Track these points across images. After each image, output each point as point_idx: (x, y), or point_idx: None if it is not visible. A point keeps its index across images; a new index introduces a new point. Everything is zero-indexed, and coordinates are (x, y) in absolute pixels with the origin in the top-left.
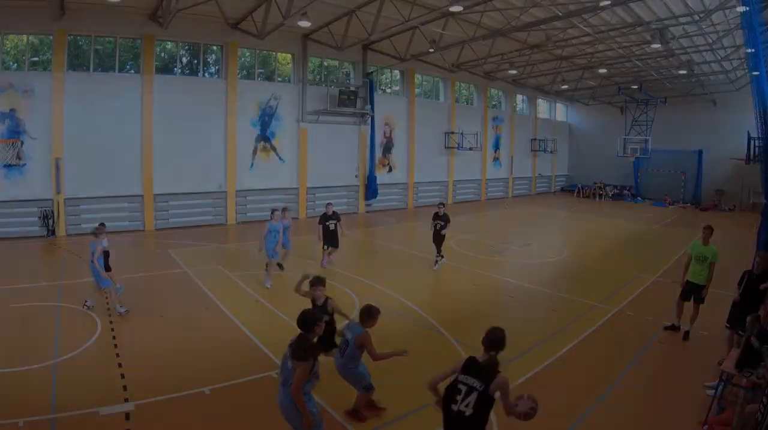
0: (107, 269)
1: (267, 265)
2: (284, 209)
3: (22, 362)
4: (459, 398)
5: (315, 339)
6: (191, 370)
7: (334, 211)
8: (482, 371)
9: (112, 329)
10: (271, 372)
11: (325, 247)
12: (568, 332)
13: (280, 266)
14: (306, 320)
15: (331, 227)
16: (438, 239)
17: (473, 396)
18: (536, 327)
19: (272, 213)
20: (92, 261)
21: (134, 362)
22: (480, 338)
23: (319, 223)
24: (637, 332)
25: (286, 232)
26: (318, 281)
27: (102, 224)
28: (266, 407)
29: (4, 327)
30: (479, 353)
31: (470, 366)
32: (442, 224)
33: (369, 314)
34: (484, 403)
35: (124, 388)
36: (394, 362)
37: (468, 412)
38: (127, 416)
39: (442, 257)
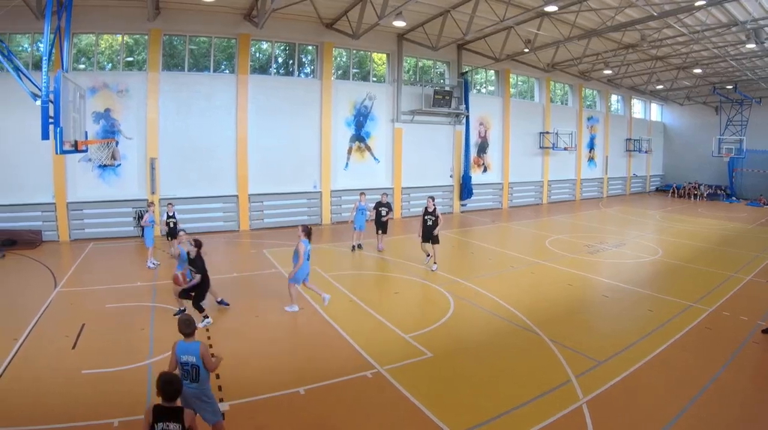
0: (174, 236)
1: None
2: (362, 194)
3: (117, 362)
4: None
5: None
6: (286, 370)
7: (387, 201)
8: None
9: (207, 329)
10: (365, 372)
11: (378, 231)
12: (663, 332)
13: (359, 246)
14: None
15: (383, 213)
16: None
17: None
18: (632, 326)
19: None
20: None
21: (229, 362)
22: (576, 338)
23: (374, 208)
24: (732, 332)
25: (364, 213)
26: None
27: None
28: (361, 407)
29: (100, 328)
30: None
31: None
32: None
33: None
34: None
35: (219, 388)
36: (487, 361)
37: None
38: (222, 415)
39: None
